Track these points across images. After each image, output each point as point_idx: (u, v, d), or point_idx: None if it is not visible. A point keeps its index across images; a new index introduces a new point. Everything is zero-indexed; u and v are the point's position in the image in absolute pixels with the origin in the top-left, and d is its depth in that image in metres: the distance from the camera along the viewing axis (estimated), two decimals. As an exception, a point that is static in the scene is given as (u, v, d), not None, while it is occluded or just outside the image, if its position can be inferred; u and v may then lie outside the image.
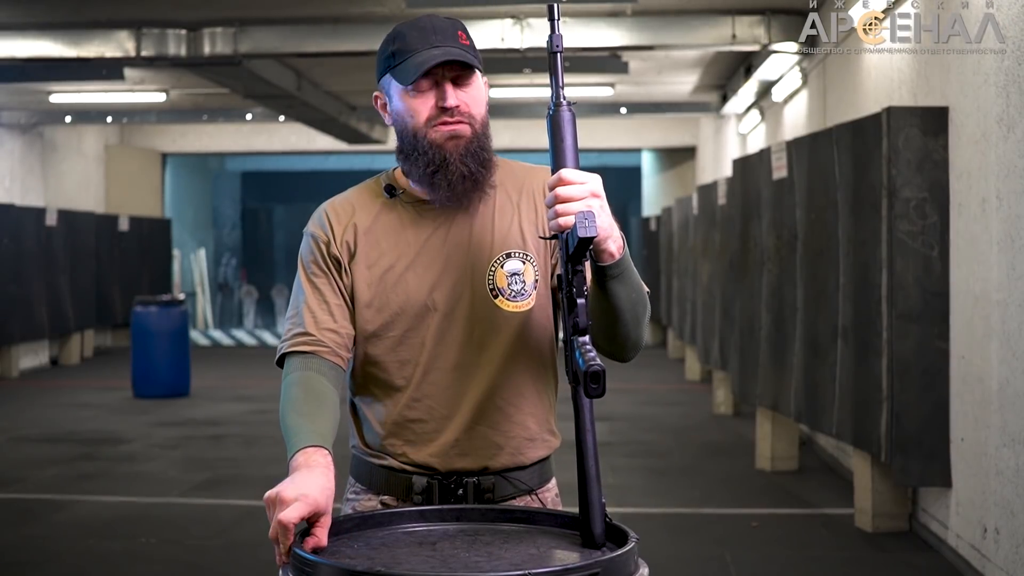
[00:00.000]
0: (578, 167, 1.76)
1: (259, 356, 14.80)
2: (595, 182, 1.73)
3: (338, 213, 2.02)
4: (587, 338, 1.67)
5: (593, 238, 1.65)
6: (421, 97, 1.93)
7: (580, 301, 1.69)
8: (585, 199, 1.71)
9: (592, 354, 1.63)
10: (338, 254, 1.99)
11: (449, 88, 1.91)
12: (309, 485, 1.68)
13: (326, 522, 1.68)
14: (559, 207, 1.71)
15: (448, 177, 1.92)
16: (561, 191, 1.71)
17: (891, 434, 5.01)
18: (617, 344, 1.90)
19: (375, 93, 2.03)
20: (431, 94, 1.92)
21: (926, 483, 5.05)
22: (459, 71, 1.92)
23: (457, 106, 1.91)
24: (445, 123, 1.92)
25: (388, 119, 2.01)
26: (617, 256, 1.78)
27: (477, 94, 1.95)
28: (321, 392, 1.90)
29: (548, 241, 1.97)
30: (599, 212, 1.71)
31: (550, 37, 1.79)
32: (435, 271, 1.97)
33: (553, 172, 1.75)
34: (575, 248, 1.67)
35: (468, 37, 1.95)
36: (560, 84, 1.79)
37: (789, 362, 6.38)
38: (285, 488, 1.68)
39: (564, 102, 1.78)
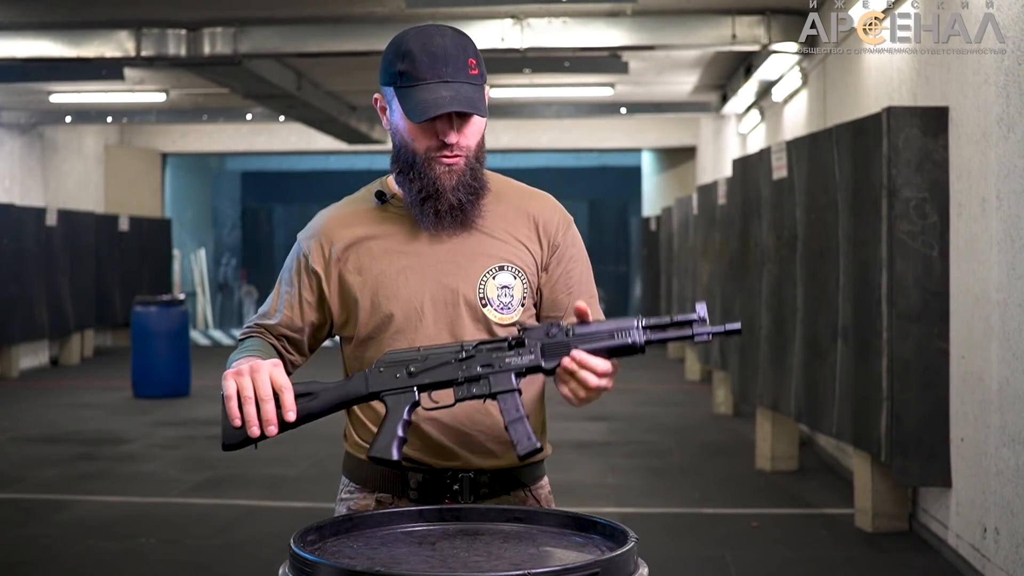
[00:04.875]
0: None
1: (259, 356, 14.78)
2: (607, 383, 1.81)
3: (330, 226, 2.04)
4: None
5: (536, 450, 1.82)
6: (422, 125, 1.93)
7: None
8: (594, 392, 1.79)
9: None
10: (319, 269, 2.03)
11: (452, 126, 1.92)
12: (264, 362, 1.80)
13: (291, 397, 1.77)
14: (580, 379, 1.78)
15: (437, 207, 1.95)
16: (587, 376, 1.78)
17: (891, 434, 5.01)
18: None
19: (376, 95, 2.03)
20: (433, 124, 1.92)
21: (926, 483, 5.05)
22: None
23: (457, 142, 1.93)
24: (445, 156, 1.93)
25: (387, 124, 2.01)
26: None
27: (477, 126, 1.96)
28: (273, 349, 2.02)
29: (537, 262, 2.01)
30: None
31: None
32: (426, 278, 1.98)
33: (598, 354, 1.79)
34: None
35: (478, 60, 1.93)
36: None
37: (789, 362, 6.38)
38: (245, 365, 1.78)
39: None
